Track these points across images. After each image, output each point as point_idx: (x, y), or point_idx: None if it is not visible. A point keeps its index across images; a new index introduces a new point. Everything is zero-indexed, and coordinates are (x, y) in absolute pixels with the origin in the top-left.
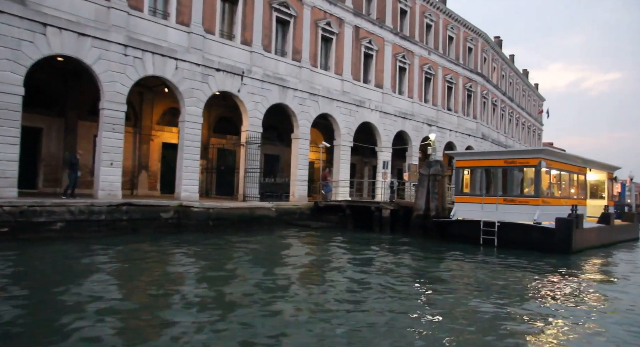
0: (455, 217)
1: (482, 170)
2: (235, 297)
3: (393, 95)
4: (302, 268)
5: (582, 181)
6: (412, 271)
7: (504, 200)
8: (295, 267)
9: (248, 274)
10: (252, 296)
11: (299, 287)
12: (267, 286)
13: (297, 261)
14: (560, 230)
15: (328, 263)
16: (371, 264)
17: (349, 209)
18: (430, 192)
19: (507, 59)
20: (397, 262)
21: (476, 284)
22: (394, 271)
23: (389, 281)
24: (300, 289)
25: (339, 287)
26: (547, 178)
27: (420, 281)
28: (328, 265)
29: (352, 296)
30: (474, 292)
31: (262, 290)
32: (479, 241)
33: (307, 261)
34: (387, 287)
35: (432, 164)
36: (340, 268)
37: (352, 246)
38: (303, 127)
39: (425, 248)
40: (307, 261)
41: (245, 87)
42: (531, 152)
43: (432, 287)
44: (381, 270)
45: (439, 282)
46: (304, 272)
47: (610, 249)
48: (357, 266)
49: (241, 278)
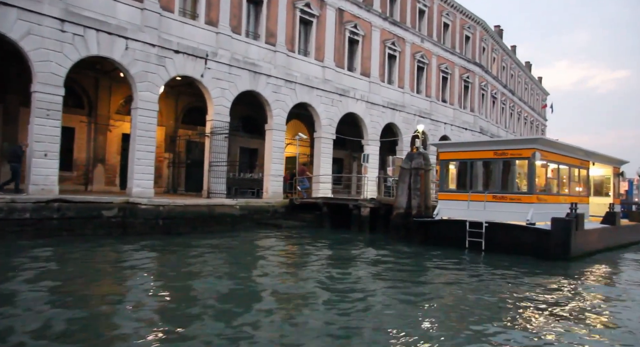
0: (439, 216)
1: (469, 163)
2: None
3: (381, 84)
4: (222, 283)
5: (584, 176)
6: (372, 285)
7: (493, 197)
8: (213, 285)
9: (142, 291)
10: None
11: (211, 316)
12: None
13: (224, 273)
14: (556, 232)
15: (262, 275)
16: (324, 275)
17: (326, 207)
18: (412, 189)
19: (508, 50)
20: (357, 273)
21: (452, 305)
22: (344, 285)
23: (332, 299)
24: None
25: (268, 318)
26: (543, 172)
27: (382, 302)
28: (257, 279)
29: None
30: (449, 318)
31: (167, 319)
32: (465, 244)
33: (231, 272)
34: (331, 305)
35: (414, 157)
36: (273, 286)
37: (314, 251)
38: (278, 117)
39: (401, 253)
40: (230, 273)
41: (210, 71)
42: (524, 142)
43: (396, 311)
44: (330, 282)
45: (406, 304)
46: (221, 296)
47: (616, 253)
48: (305, 281)
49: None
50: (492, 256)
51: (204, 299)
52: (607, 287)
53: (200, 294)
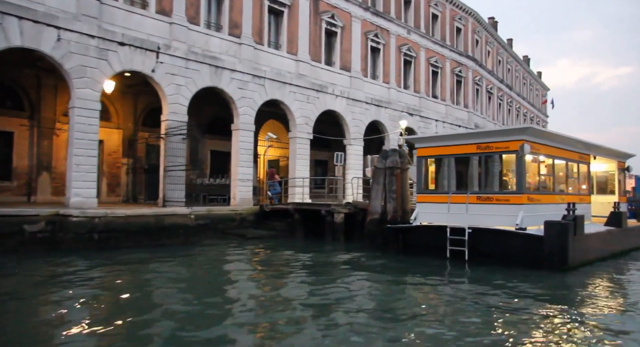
0: (417, 222)
1: (448, 159)
2: None
3: (364, 79)
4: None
5: (585, 171)
6: (324, 318)
7: (477, 199)
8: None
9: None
10: None
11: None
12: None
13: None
14: (550, 238)
15: (159, 306)
16: (274, 300)
17: (298, 213)
18: (387, 191)
19: (503, 43)
20: (307, 300)
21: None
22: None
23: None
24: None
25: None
26: (535, 168)
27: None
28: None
29: None
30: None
31: None
32: (447, 253)
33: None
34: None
35: (389, 154)
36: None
37: (264, 270)
38: (245, 115)
39: (372, 268)
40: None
41: (163, 66)
42: (510, 132)
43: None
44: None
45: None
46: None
47: (623, 261)
48: (236, 316)
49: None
50: (476, 268)
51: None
52: (609, 313)
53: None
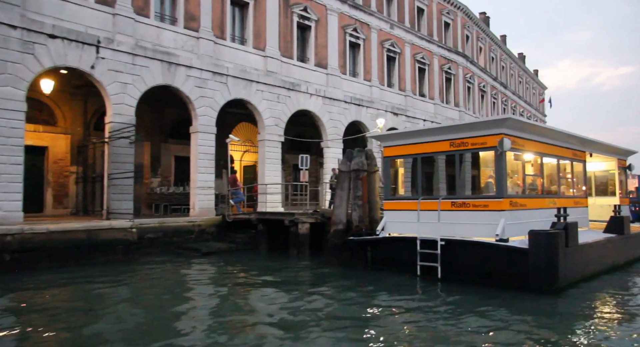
0: (385, 233)
1: (419, 159)
2: None
3: (342, 77)
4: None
5: (580, 170)
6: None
7: (452, 205)
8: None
9: None
10: None
11: None
12: None
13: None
14: (536, 252)
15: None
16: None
17: (262, 224)
18: (352, 197)
19: (497, 40)
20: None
21: None
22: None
23: None
24: None
25: None
26: (519, 166)
27: None
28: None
29: None
30: None
31: None
32: (416, 271)
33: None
34: None
35: (354, 155)
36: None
37: (202, 294)
38: (204, 117)
39: (328, 288)
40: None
41: (104, 62)
42: (487, 125)
43: None
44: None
45: None
46: None
47: (627, 275)
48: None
49: None
50: (449, 288)
51: None
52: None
53: None
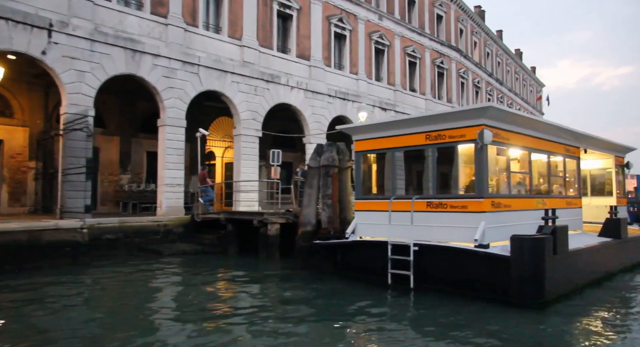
0: (355, 236)
1: (394, 154)
2: None
3: (327, 69)
4: None
5: (574, 168)
6: None
7: (427, 205)
8: None
9: None
10: None
11: None
12: None
13: None
14: (519, 260)
15: None
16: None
17: (231, 224)
18: (322, 196)
19: (492, 34)
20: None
21: None
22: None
23: None
24: None
25: None
26: (502, 163)
27: None
28: None
29: None
30: None
31: None
32: (387, 278)
33: None
34: None
35: (324, 149)
36: None
37: (150, 305)
38: (173, 109)
39: (289, 299)
40: None
41: (58, 48)
42: (466, 115)
43: None
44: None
45: None
46: None
47: (624, 285)
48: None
49: None
50: (422, 300)
51: None
52: None
53: None
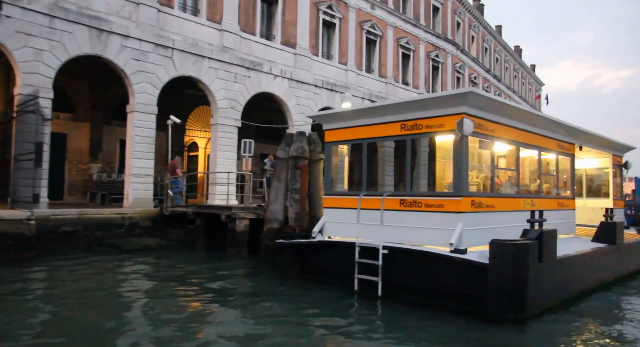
0: (323, 235)
1: (367, 145)
2: None
3: (314, 58)
4: None
5: (568, 166)
6: None
7: (401, 203)
8: None
9: None
10: None
11: None
12: None
13: None
14: (497, 268)
15: None
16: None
17: (200, 218)
18: (290, 190)
19: (491, 29)
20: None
21: None
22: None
23: None
24: None
25: None
26: (487, 157)
27: None
28: None
29: None
30: None
31: None
32: (354, 284)
33: None
34: None
35: (294, 140)
36: None
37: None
38: (143, 94)
39: (245, 306)
40: None
41: (11, 22)
42: (445, 102)
43: None
44: None
45: None
46: None
47: (618, 297)
48: None
49: None
50: (390, 311)
51: None
52: None
53: None
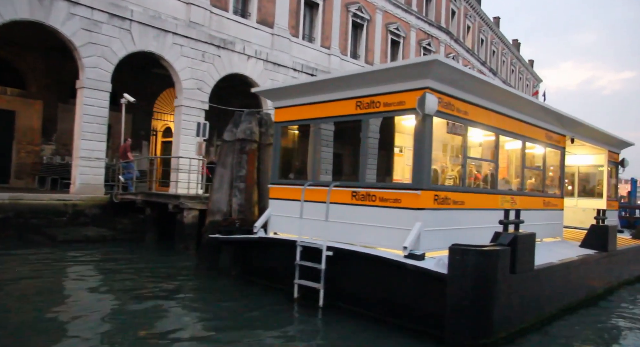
0: (268, 231)
1: (318, 126)
2: None
3: (293, 40)
4: None
5: (557, 160)
6: None
7: (353, 196)
8: None
9: None
10: None
11: None
12: None
13: None
14: (457, 281)
15: None
16: None
17: (150, 208)
18: (235, 178)
19: (488, 20)
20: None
21: None
22: None
23: None
24: None
25: None
26: (457, 143)
27: None
28: None
29: None
30: None
31: None
32: (293, 291)
33: None
34: None
35: (242, 120)
36: None
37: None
38: (94, 69)
39: (168, 315)
40: None
41: None
42: (406, 73)
43: None
44: None
45: None
46: None
47: (607, 314)
48: None
49: None
50: (331, 327)
51: None
52: None
53: None
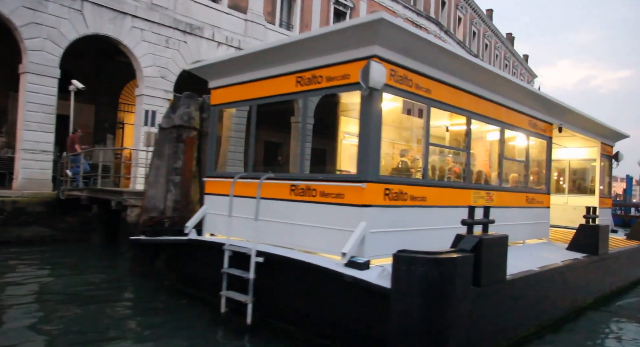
0: (203, 232)
1: (255, 108)
2: None
3: (269, 26)
4: None
5: (543, 151)
6: None
7: (291, 190)
8: None
9: None
10: None
11: None
12: None
13: None
14: (403, 296)
15: None
16: None
17: (96, 205)
18: (170, 171)
19: (481, 12)
20: None
21: None
22: None
23: None
24: None
25: None
26: (419, 127)
27: None
28: None
29: None
30: None
31: None
32: (220, 303)
33: None
34: None
35: (181, 104)
36: None
37: None
38: (39, 53)
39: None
40: None
41: None
42: (349, 38)
43: None
44: None
45: None
46: None
47: (594, 330)
48: None
49: None
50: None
51: None
52: None
53: None
